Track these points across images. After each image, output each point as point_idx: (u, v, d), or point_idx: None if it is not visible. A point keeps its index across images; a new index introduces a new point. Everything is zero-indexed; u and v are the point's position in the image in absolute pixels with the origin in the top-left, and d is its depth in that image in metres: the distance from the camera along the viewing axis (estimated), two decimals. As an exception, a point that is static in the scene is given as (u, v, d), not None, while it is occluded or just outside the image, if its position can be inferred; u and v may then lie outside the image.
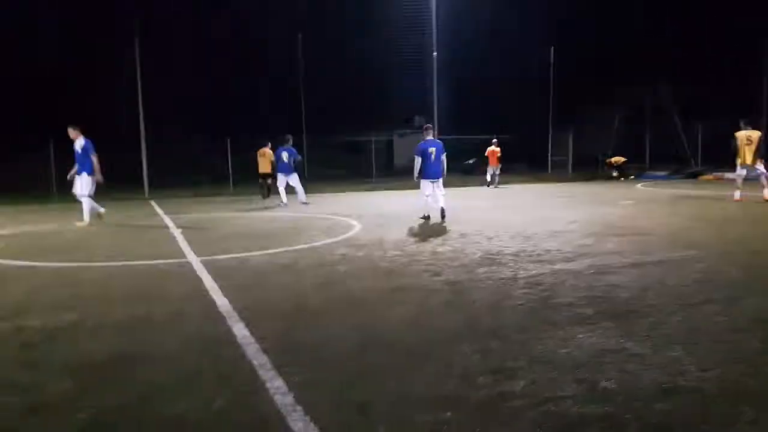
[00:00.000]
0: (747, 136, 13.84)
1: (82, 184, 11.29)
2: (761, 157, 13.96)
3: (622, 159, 26.93)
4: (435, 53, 24.56)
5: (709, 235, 8.72)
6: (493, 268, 6.43)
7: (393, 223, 10.99)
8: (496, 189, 21.63)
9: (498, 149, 22.52)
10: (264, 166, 17.70)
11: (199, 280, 6.13)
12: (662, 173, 27.86)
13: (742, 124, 14.25)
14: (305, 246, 8.33)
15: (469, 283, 5.73)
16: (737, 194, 13.88)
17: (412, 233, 9.56)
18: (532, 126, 28.17)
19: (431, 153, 11.00)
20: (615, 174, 26.20)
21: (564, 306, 4.79)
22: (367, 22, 29.19)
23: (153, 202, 17.91)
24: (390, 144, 33.61)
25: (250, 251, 7.88)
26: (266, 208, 15.20)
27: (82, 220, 11.36)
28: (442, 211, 11.03)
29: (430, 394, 3.12)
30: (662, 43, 28.26)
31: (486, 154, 22.94)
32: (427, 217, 11.15)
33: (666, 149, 30.05)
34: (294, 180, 15.66)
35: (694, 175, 26.59)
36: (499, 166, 22.69)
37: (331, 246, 8.31)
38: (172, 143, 25.70)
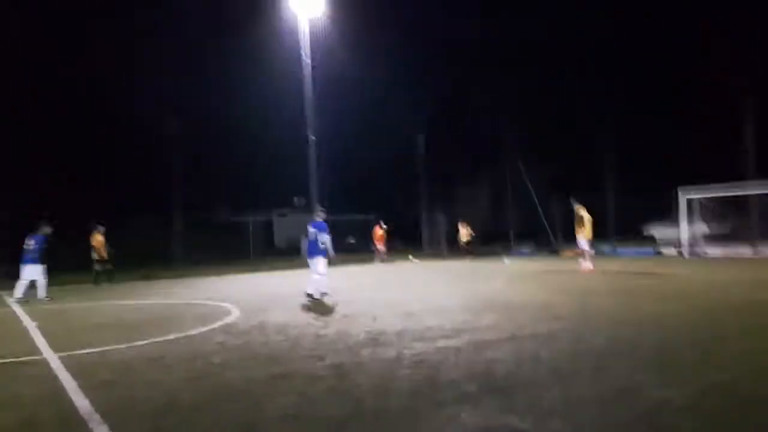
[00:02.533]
0: (587, 216, 15.74)
1: None
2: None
3: (468, 235, 26.54)
4: (312, 137, 25.06)
5: (573, 307, 9.32)
6: (378, 348, 6.39)
7: (275, 305, 10.68)
8: (384, 264, 23.37)
9: (382, 230, 24.85)
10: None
11: (57, 379, 5.51)
12: (526, 249, 29.80)
13: (579, 203, 15.99)
14: (178, 335, 7.80)
15: (354, 366, 5.62)
16: (590, 265, 15.63)
17: (296, 316, 9.32)
18: (407, 206, 29.45)
19: (311, 233, 11.55)
20: (469, 257, 25.54)
21: (447, 384, 4.82)
22: (245, 104, 29.53)
23: (3, 293, 16.09)
24: (270, 224, 33.32)
25: (116, 344, 7.23)
26: (123, 296, 14.20)
27: None
28: (308, 293, 11.11)
29: (316, 492, 2.94)
30: (520, 127, 31.05)
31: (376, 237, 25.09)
32: (309, 295, 11.10)
33: (529, 226, 32.30)
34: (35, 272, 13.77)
35: (555, 251, 28.67)
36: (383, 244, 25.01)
37: (206, 335, 7.86)
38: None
